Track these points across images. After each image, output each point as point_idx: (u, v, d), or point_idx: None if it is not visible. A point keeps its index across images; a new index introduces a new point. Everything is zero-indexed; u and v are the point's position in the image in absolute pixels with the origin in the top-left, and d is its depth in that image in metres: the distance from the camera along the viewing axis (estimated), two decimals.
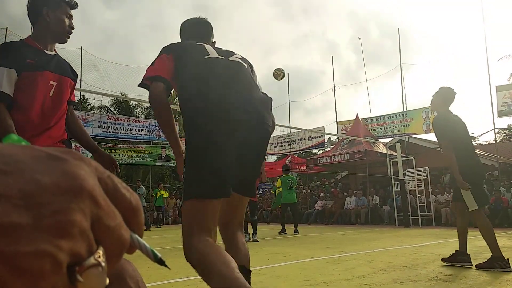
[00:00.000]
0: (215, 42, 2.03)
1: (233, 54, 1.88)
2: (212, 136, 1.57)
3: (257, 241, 7.12)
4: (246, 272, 1.66)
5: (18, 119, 1.77)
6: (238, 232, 1.82)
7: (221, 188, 1.57)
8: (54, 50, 2.01)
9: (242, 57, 1.91)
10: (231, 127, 1.60)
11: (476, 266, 3.53)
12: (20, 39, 2.00)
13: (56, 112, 1.93)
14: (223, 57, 1.79)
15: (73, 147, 2.44)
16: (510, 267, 3.37)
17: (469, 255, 3.65)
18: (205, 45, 1.81)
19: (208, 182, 1.55)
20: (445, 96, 3.89)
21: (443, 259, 3.79)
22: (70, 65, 2.08)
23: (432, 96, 3.97)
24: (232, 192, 1.62)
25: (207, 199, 1.55)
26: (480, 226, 3.52)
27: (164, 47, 1.76)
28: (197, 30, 2.01)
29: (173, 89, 1.74)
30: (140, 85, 1.69)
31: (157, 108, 1.66)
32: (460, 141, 3.71)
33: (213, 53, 1.77)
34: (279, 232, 8.87)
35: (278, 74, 5.09)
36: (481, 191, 3.70)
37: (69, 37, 1.99)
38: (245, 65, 1.86)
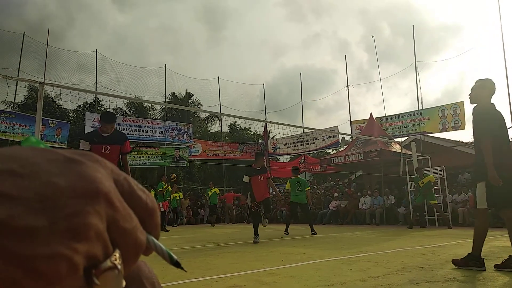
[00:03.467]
0: None
1: None
2: None
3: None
4: None
5: None
6: None
7: None
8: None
9: None
10: None
11: (452, 261, 3.71)
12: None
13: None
14: None
15: None
16: (485, 266, 3.47)
17: (483, 258, 3.56)
18: None
19: None
20: (489, 88, 3.80)
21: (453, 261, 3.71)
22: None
23: (471, 89, 3.87)
24: None
25: None
26: (476, 226, 3.68)
27: None
28: None
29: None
30: None
31: None
32: (498, 137, 3.63)
33: None
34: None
35: None
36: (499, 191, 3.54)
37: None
38: None
